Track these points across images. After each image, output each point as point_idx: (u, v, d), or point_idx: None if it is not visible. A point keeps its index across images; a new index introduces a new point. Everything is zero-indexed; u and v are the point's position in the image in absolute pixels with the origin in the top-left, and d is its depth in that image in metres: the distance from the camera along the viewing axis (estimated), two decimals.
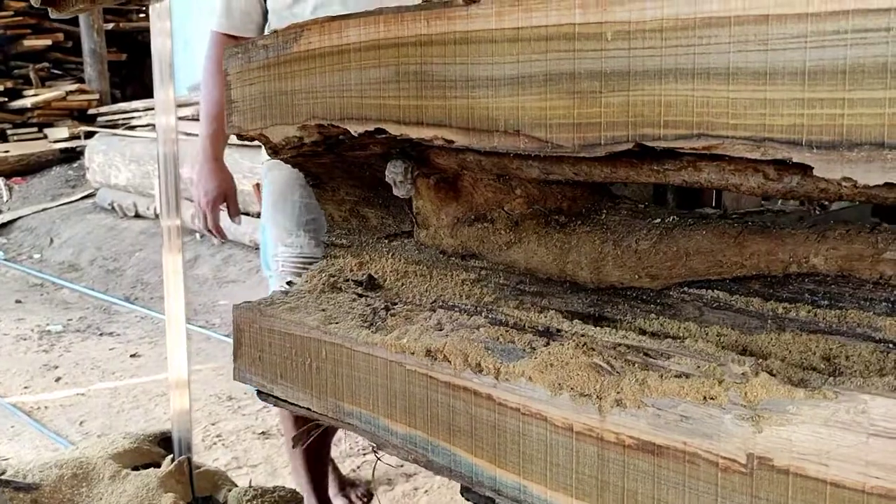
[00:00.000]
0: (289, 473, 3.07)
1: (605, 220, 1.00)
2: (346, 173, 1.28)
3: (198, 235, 6.90)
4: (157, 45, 1.71)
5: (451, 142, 0.95)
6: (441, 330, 1.03)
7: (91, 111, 10.50)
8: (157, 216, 7.73)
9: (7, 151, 9.92)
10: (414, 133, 0.98)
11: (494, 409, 0.94)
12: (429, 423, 1.01)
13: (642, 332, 0.95)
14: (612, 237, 0.97)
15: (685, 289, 0.93)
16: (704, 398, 0.76)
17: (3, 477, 1.72)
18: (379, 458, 1.15)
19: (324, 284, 1.27)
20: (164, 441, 2.02)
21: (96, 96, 10.74)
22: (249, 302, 1.28)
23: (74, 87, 10.71)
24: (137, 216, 8.09)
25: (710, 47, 0.72)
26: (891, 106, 0.63)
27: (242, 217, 2.35)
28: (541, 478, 0.90)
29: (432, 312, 1.09)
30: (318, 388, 1.15)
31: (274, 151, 1.24)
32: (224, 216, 2.24)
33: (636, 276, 0.94)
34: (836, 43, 0.65)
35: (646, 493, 0.81)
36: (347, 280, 1.27)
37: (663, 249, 0.91)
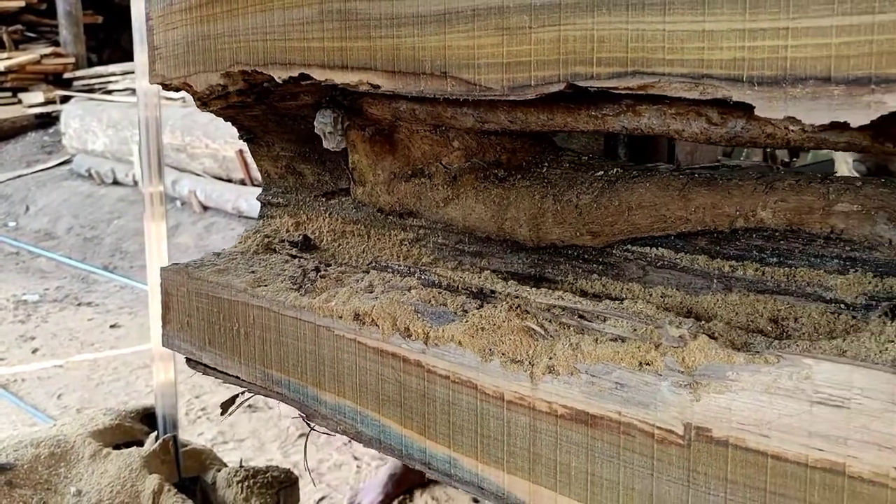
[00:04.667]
0: (278, 448, 2.98)
1: (547, 173, 0.93)
2: (280, 126, 1.20)
3: (178, 202, 6.76)
4: (138, 6, 1.62)
5: (377, 86, 0.87)
6: (371, 292, 0.95)
7: (67, 75, 10.29)
8: (135, 183, 7.58)
9: None
10: (339, 78, 0.90)
11: (423, 377, 0.87)
12: (357, 391, 0.95)
13: (584, 293, 0.89)
14: (553, 192, 0.89)
15: (628, 247, 0.86)
16: (640, 364, 0.69)
17: None
18: (312, 429, 1.08)
19: (258, 245, 1.20)
20: (147, 417, 1.91)
21: (72, 60, 10.51)
22: (177, 263, 1.20)
23: (49, 50, 10.47)
24: (116, 183, 7.93)
25: None
26: (838, 35, 0.55)
27: (226, 184, 2.23)
28: (471, 450, 0.84)
29: (365, 274, 1.02)
30: (246, 355, 1.08)
31: (202, 103, 1.16)
32: None
33: (577, 234, 0.87)
34: None
35: (579, 468, 0.75)
36: (283, 241, 1.19)
37: (605, 204, 0.84)
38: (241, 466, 1.73)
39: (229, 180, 6.10)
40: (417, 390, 0.88)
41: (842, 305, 0.71)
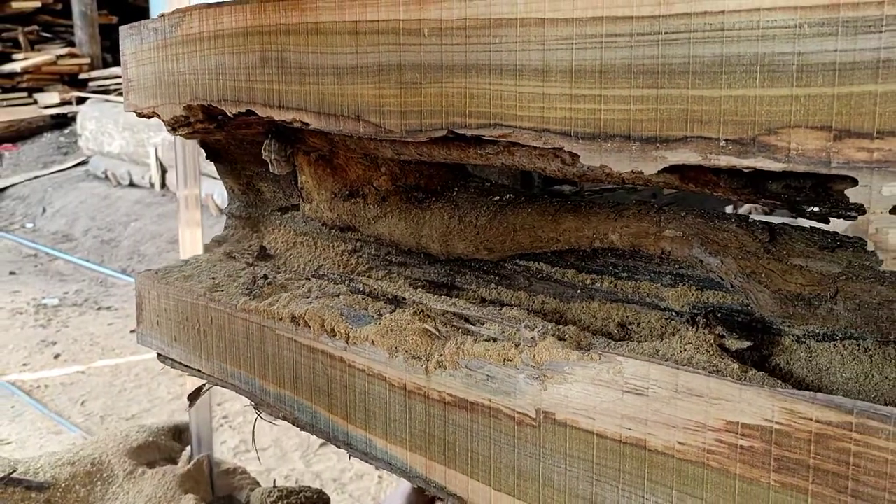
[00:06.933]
0: (300, 457, 3.05)
1: (455, 197, 1.08)
2: (240, 149, 1.35)
3: None
4: (156, 6, 1.65)
5: (308, 124, 1.02)
6: (308, 298, 1.11)
7: (82, 76, 10.41)
8: (151, 185, 7.70)
9: None
10: (277, 115, 1.06)
11: (346, 371, 1.03)
12: (294, 383, 1.10)
13: (483, 299, 1.04)
14: (458, 213, 1.05)
15: (517, 261, 1.01)
16: (504, 360, 0.85)
17: (14, 475, 1.64)
18: (259, 416, 1.24)
19: (221, 254, 1.35)
20: (179, 434, 1.95)
21: (87, 60, 10.64)
22: (150, 270, 1.36)
23: (65, 51, 10.60)
24: (132, 185, 8.01)
25: (502, 46, 0.80)
26: (634, 103, 0.71)
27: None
28: (382, 432, 1.00)
29: (307, 281, 1.18)
30: (206, 351, 1.24)
31: (172, 128, 1.31)
32: None
33: (476, 249, 1.03)
34: (594, 45, 0.73)
35: (462, 445, 0.91)
36: (243, 251, 1.35)
37: (497, 225, 1.00)
38: (274, 486, 1.75)
39: None
40: (341, 382, 1.04)
41: (673, 313, 0.87)
